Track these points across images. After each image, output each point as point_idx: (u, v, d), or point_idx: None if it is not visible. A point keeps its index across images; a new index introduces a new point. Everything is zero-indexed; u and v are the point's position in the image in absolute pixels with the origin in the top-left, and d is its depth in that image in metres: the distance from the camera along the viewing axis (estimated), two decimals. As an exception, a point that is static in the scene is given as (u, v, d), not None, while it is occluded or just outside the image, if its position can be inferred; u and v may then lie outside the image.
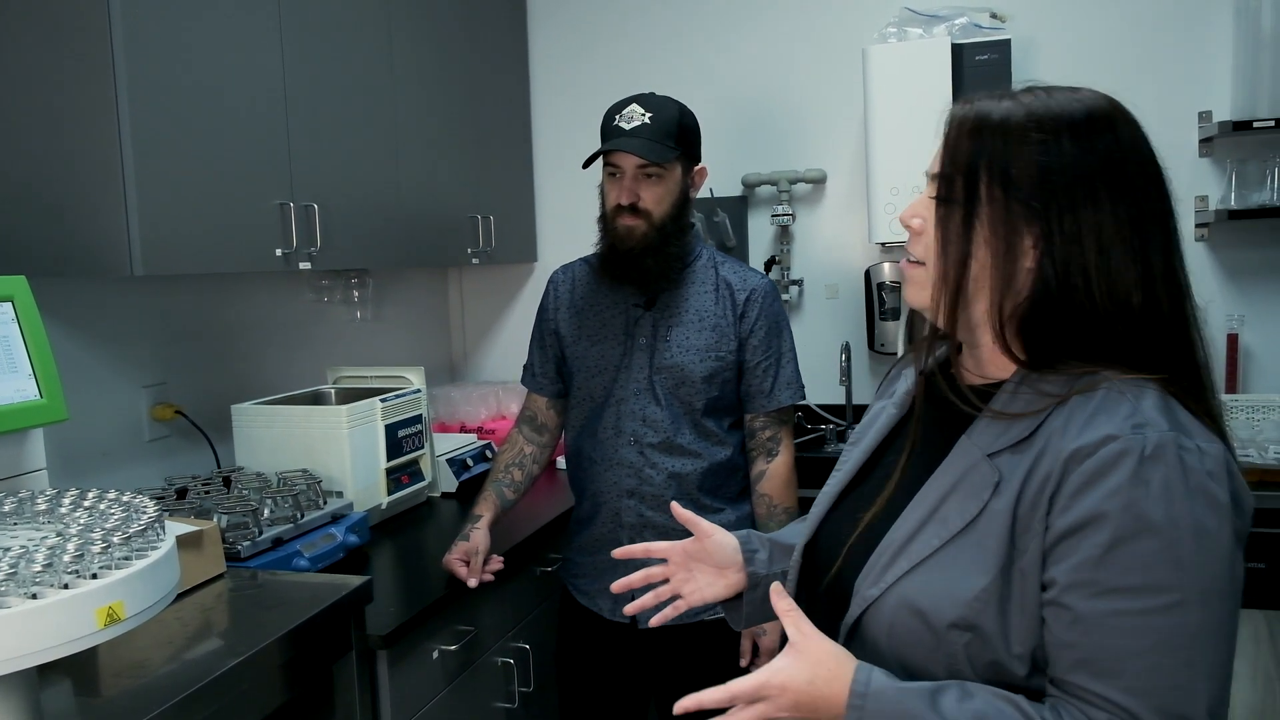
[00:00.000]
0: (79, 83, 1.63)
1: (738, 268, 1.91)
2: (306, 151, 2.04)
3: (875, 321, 2.85)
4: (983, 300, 0.93)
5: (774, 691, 0.90)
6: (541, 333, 1.99)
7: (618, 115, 1.79)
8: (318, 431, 2.11)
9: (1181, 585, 0.81)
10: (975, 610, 0.87)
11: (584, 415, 1.91)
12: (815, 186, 2.94)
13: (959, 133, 0.94)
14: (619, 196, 1.79)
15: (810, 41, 2.91)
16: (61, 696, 1.19)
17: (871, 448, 1.09)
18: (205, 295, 2.26)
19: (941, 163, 0.95)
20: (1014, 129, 0.90)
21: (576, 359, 1.91)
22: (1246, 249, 2.62)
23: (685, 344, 1.83)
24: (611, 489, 1.86)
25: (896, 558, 0.93)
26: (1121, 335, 0.89)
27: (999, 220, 0.90)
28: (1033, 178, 0.89)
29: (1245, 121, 2.44)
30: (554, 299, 1.97)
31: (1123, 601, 0.82)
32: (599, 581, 1.88)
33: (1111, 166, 0.89)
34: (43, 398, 1.38)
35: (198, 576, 1.55)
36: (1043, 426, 0.89)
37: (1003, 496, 0.89)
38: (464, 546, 1.82)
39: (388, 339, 2.94)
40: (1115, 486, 0.82)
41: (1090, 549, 0.83)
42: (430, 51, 2.53)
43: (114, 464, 2.01)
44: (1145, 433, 0.83)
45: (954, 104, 0.97)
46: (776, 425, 1.90)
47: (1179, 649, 0.81)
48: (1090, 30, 2.68)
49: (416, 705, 1.73)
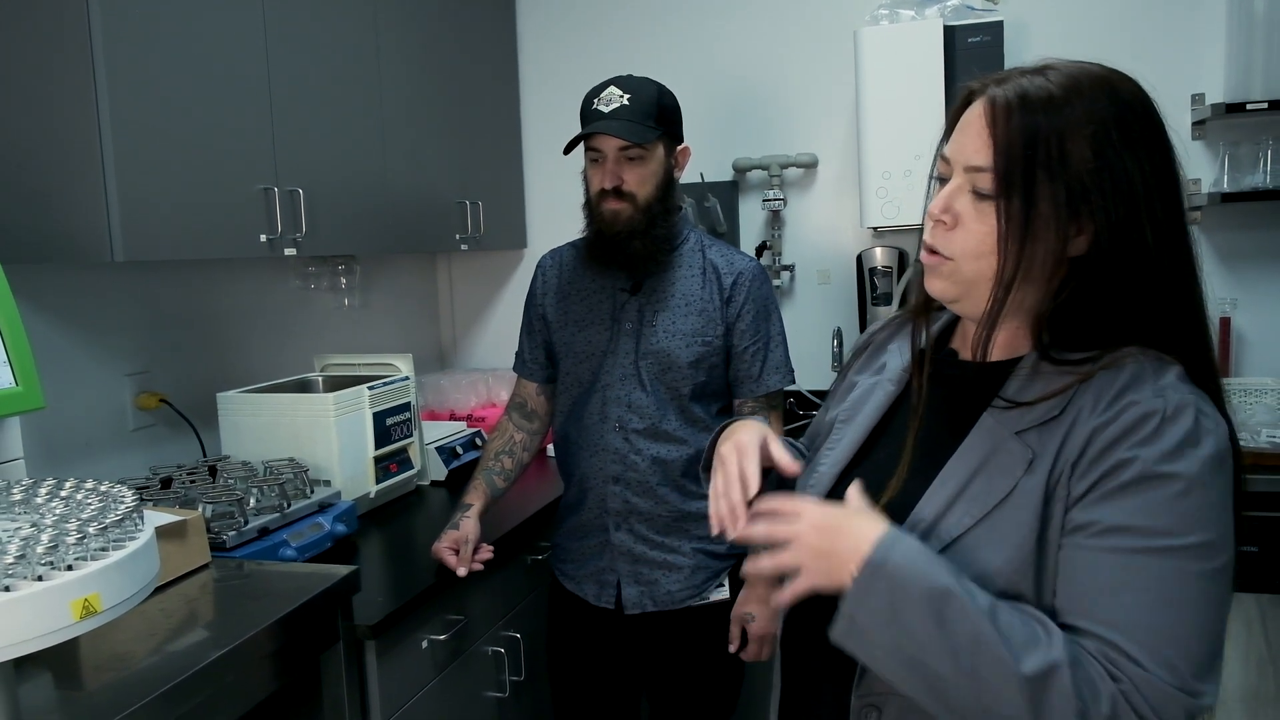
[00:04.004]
0: (56, 65, 1.59)
1: (726, 251, 1.88)
2: (291, 135, 2.00)
3: (867, 307, 2.84)
4: (1032, 293, 0.93)
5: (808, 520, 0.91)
6: (530, 318, 1.97)
7: (596, 98, 1.76)
8: (305, 420, 2.08)
9: (1185, 532, 0.83)
10: (1014, 583, 0.88)
11: (570, 400, 1.89)
12: (807, 171, 2.92)
13: (1009, 135, 0.89)
14: (602, 180, 1.77)
15: (801, 24, 2.88)
16: (41, 690, 1.16)
17: (869, 426, 1.07)
18: (189, 282, 2.23)
19: (994, 162, 0.90)
20: (1070, 134, 0.88)
21: (563, 344, 1.89)
22: (1239, 232, 2.62)
23: (671, 329, 1.81)
24: (597, 475, 1.84)
25: (926, 538, 0.92)
26: (1154, 312, 0.91)
27: (1055, 214, 0.89)
28: (1089, 171, 0.88)
29: (1238, 104, 2.43)
30: (542, 284, 1.95)
31: (1123, 539, 0.84)
32: (585, 567, 1.88)
33: (1152, 156, 0.90)
34: (18, 385, 1.35)
35: (182, 567, 1.53)
36: (1072, 403, 0.90)
37: (1036, 473, 0.90)
38: (453, 535, 1.81)
39: (375, 326, 2.91)
40: (1135, 441, 0.85)
41: (1101, 493, 0.85)
42: (417, 33, 2.50)
43: (97, 454, 1.99)
44: (1167, 394, 0.86)
45: (988, 90, 0.92)
46: (766, 410, 1.88)
47: (1172, 591, 0.83)
48: (1082, 11, 2.66)
49: (406, 696, 1.71)
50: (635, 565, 1.83)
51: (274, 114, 1.96)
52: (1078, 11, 2.67)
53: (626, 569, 1.83)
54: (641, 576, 1.83)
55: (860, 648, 0.89)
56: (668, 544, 1.83)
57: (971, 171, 0.92)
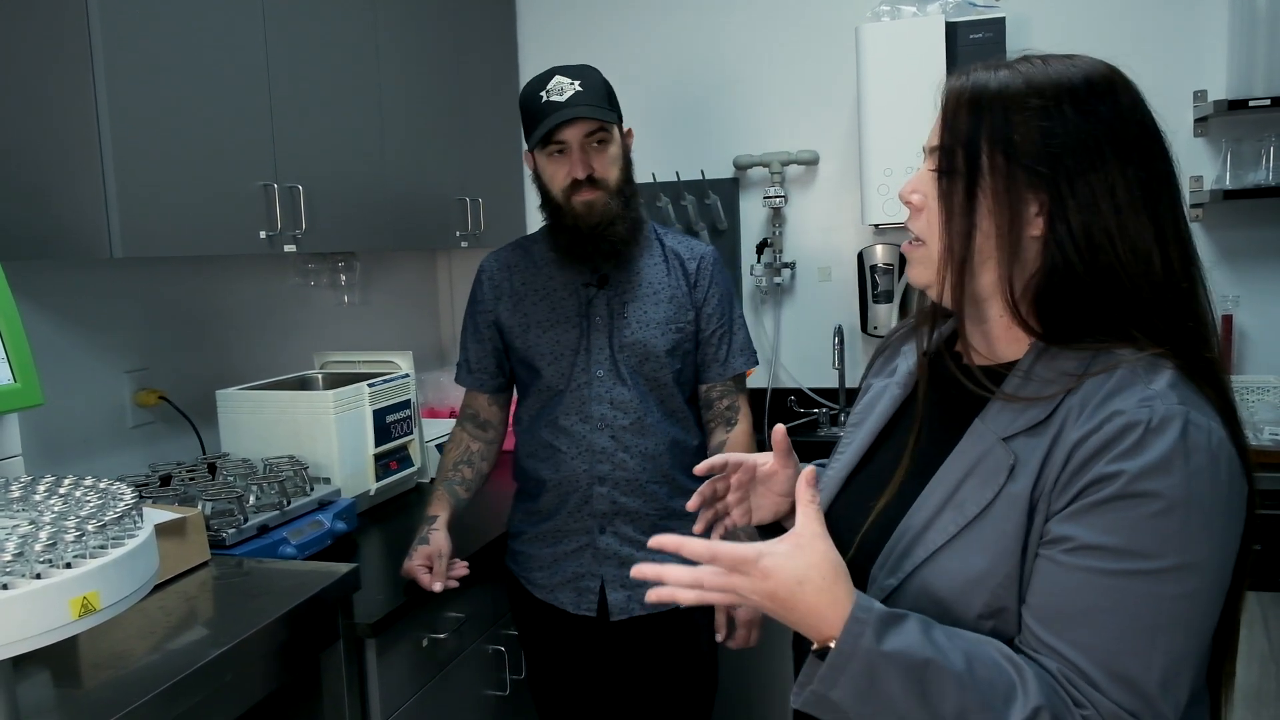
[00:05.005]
0: (55, 60, 1.58)
1: (681, 237, 1.89)
2: (290, 132, 2.00)
3: (868, 304, 2.83)
4: (989, 273, 0.91)
5: (757, 573, 0.82)
6: (477, 325, 1.88)
7: (544, 92, 1.71)
8: (304, 417, 2.08)
9: (1161, 555, 0.80)
10: (999, 596, 0.86)
11: (541, 404, 1.82)
12: (808, 168, 2.91)
13: (956, 104, 0.91)
14: (572, 171, 1.71)
15: (803, 21, 2.87)
16: (39, 688, 1.16)
17: (876, 430, 1.07)
18: (188, 278, 2.22)
19: (940, 135, 0.92)
20: (1013, 98, 0.89)
21: (529, 348, 1.81)
22: (1242, 229, 2.61)
23: (644, 318, 1.79)
24: (581, 477, 1.78)
25: (914, 546, 0.91)
26: (1146, 299, 0.88)
27: (1002, 189, 0.88)
28: (1036, 144, 0.87)
29: (1241, 100, 2.42)
30: (490, 289, 1.87)
31: (1096, 560, 0.81)
32: (558, 574, 1.82)
33: (1115, 130, 0.88)
34: (17, 382, 1.34)
35: (181, 565, 1.53)
36: (1059, 408, 0.87)
37: (1019, 480, 0.87)
38: (425, 550, 1.71)
39: (375, 323, 2.91)
40: (1116, 454, 0.81)
41: (1078, 508, 0.83)
42: (417, 29, 2.49)
43: (97, 451, 1.98)
44: (1154, 404, 0.82)
45: (949, 77, 0.94)
46: (734, 393, 1.87)
47: (1143, 616, 0.80)
48: (1084, 7, 2.66)
49: (406, 694, 1.70)
50: (622, 568, 1.79)
51: (274, 110, 1.95)
52: (1079, 7, 2.66)
53: (612, 573, 1.79)
54: (629, 580, 1.78)
55: (830, 716, 0.84)
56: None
57: (932, 153, 0.93)
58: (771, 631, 1.85)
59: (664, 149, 2.92)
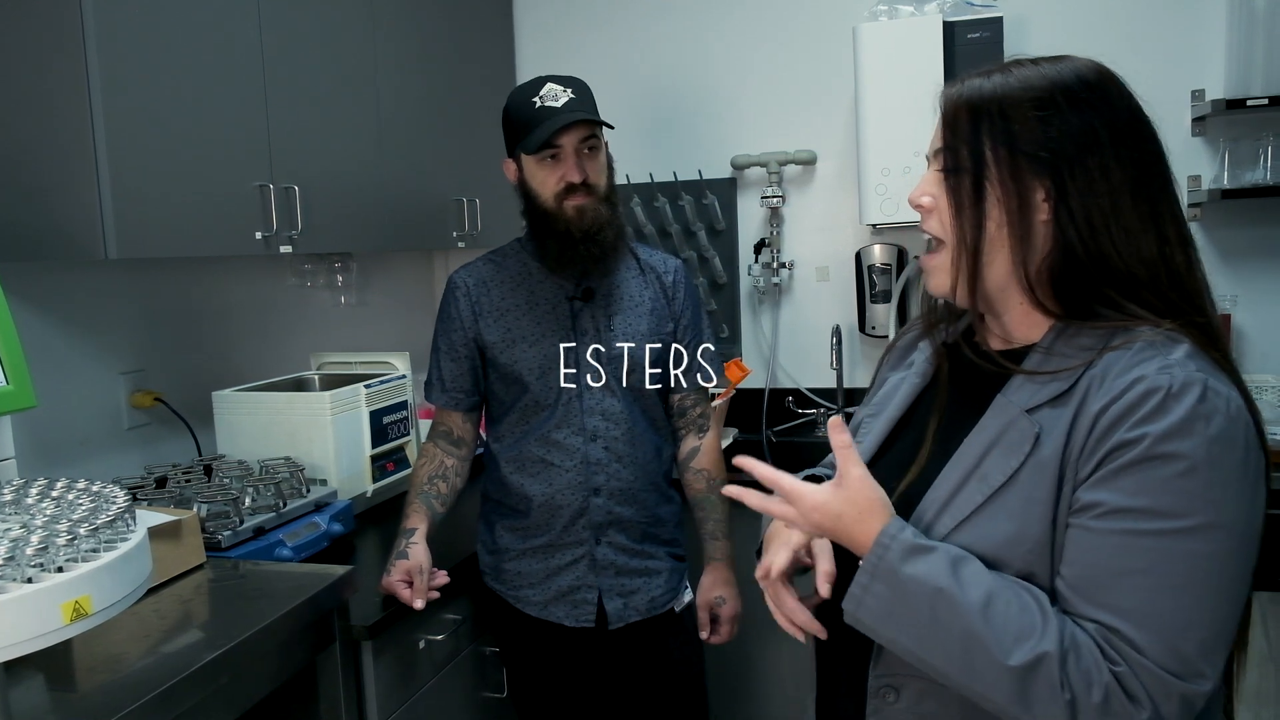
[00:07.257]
0: (49, 59, 1.58)
1: (650, 250, 1.92)
2: (286, 132, 1.99)
3: (866, 304, 2.83)
4: (1002, 261, 0.95)
5: (805, 506, 0.94)
6: (453, 343, 1.84)
7: (537, 98, 1.71)
8: (301, 418, 2.07)
9: (1188, 514, 0.83)
10: (1027, 561, 0.89)
11: (527, 419, 1.79)
12: (805, 168, 2.90)
13: (956, 109, 0.97)
14: (567, 175, 1.72)
15: (800, 20, 2.87)
16: (33, 693, 1.15)
17: (895, 418, 1.10)
18: (184, 279, 2.22)
19: (943, 138, 0.98)
20: (1009, 97, 0.94)
21: (515, 363, 1.78)
22: (1240, 229, 2.60)
23: (630, 330, 1.80)
24: (576, 490, 1.76)
25: (940, 516, 0.95)
26: (1140, 276, 0.92)
27: (1008, 177, 0.93)
28: (1036, 134, 0.93)
29: (1238, 100, 2.41)
30: (467, 306, 1.83)
31: (1127, 522, 0.84)
32: (550, 589, 1.79)
33: (1107, 117, 0.93)
34: (9, 384, 1.33)
35: (177, 567, 1.52)
36: (1080, 381, 0.91)
37: (1045, 449, 0.90)
38: (405, 565, 1.68)
39: (372, 324, 2.90)
40: (1139, 419, 0.85)
41: (1105, 474, 0.86)
42: (414, 29, 2.48)
43: (92, 453, 1.97)
44: (1173, 371, 0.86)
45: (945, 86, 1.00)
46: (705, 401, 1.91)
47: (1175, 575, 0.82)
48: (1082, 7, 2.65)
49: (403, 697, 1.70)
50: (618, 577, 1.78)
51: (269, 110, 1.95)
52: (1077, 7, 2.65)
53: (609, 582, 1.78)
54: (624, 587, 1.79)
55: (870, 632, 0.93)
56: (645, 550, 1.81)
57: (936, 155, 0.99)
58: (769, 633, 1.84)
59: (662, 149, 2.92)
